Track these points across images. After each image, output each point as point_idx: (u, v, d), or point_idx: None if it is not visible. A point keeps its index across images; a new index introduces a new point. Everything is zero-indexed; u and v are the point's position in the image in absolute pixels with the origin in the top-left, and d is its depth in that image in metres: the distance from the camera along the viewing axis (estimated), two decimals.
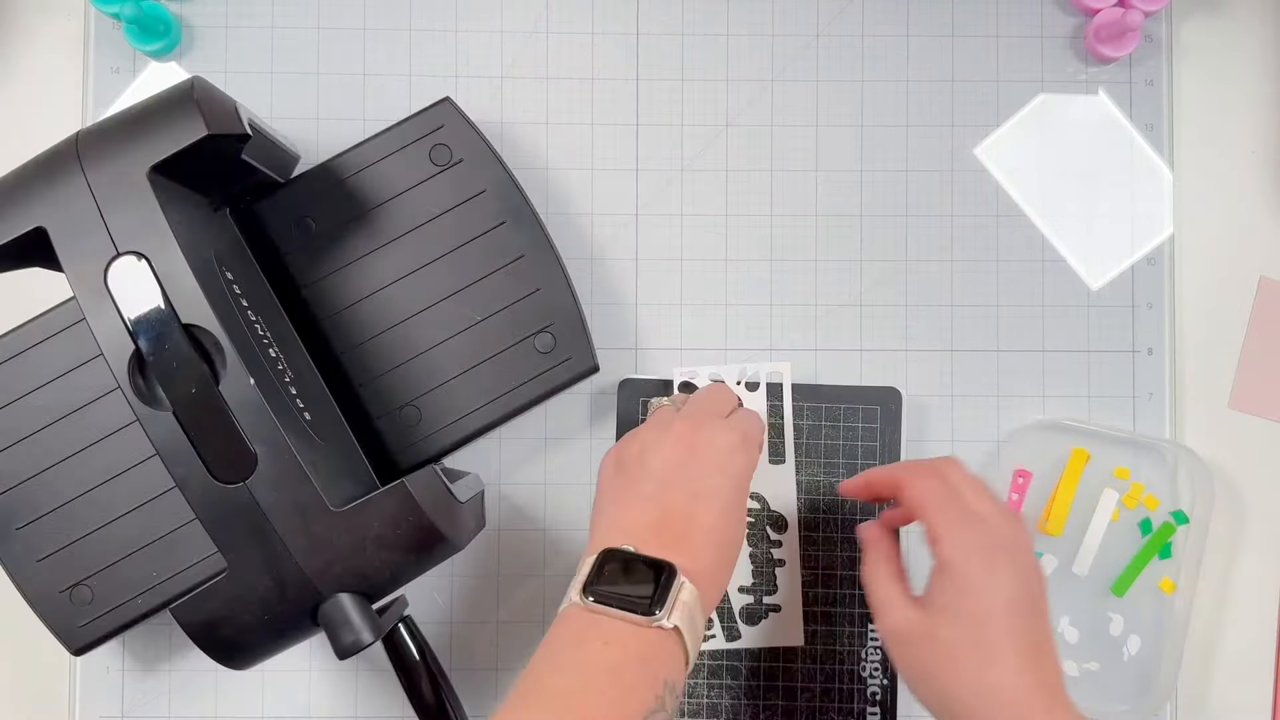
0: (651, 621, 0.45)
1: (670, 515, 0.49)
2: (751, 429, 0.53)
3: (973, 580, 0.47)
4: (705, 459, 0.50)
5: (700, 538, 0.48)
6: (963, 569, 0.47)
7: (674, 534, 0.48)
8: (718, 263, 0.62)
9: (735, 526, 0.50)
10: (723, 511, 0.49)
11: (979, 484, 0.50)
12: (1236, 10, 0.64)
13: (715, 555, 0.49)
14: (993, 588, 0.46)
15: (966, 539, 0.47)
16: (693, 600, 0.46)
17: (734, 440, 0.51)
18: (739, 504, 0.51)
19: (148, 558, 0.52)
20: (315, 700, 0.61)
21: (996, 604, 0.46)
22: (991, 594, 0.46)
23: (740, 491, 0.51)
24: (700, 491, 0.49)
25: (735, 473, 0.51)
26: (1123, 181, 0.63)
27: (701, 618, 0.47)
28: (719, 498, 0.49)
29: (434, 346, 0.57)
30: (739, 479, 0.51)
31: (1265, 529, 0.62)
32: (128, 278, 0.45)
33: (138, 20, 0.60)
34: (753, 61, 0.63)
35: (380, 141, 0.57)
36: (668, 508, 0.49)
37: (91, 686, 0.60)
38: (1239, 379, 0.63)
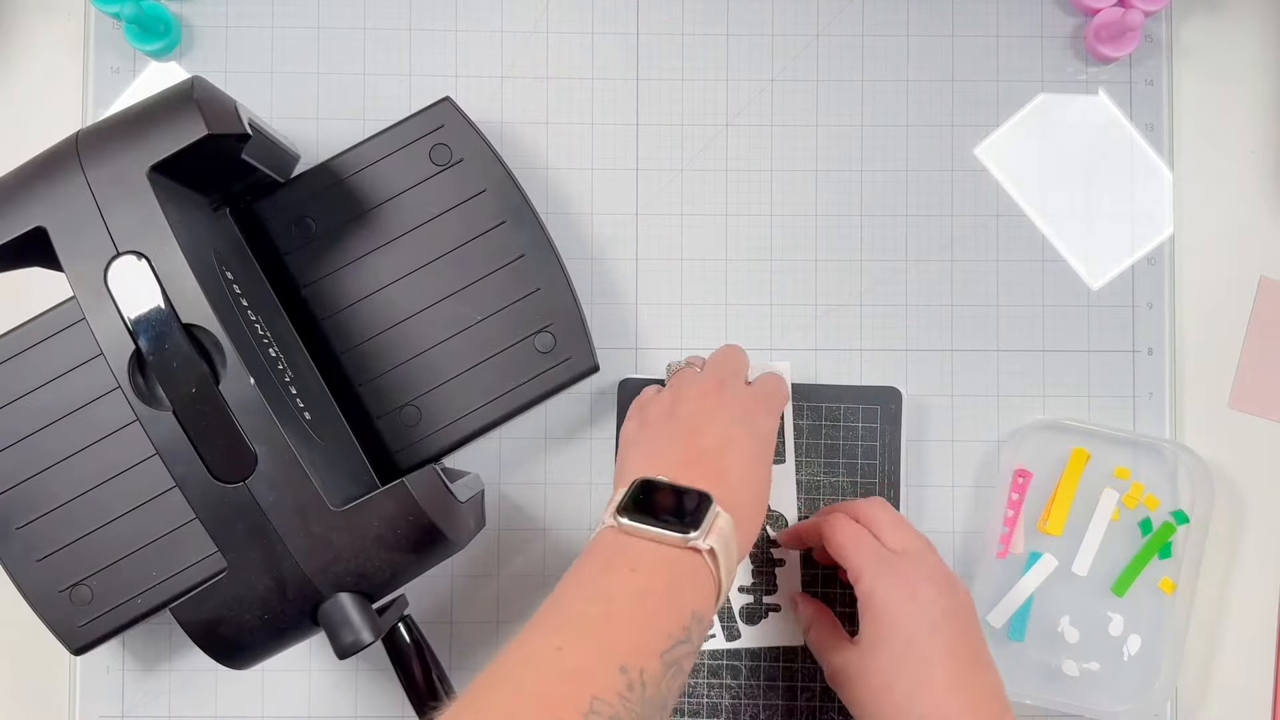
0: (686, 540, 0.44)
1: (704, 454, 0.49)
2: (775, 389, 0.55)
3: (895, 609, 0.49)
4: (734, 409, 0.51)
5: (737, 475, 0.48)
6: (883, 601, 0.49)
7: (708, 469, 0.48)
8: (718, 262, 0.62)
9: (766, 477, 0.51)
10: (755, 458, 0.50)
11: (900, 521, 0.53)
12: (1236, 10, 0.64)
13: (751, 494, 0.49)
14: (914, 614, 0.48)
15: (885, 573, 0.50)
16: (729, 528, 0.46)
17: (758, 396, 0.53)
18: (766, 457, 0.51)
19: (148, 557, 0.52)
20: (315, 700, 0.61)
21: (920, 629, 0.48)
22: (914, 620, 0.48)
23: (767, 446, 0.52)
24: (731, 437, 0.50)
25: (762, 429, 0.51)
26: (1123, 181, 0.63)
27: (736, 551, 0.47)
28: (750, 444, 0.50)
29: (434, 346, 0.57)
30: (766, 435, 0.52)
31: (1265, 529, 0.62)
32: (128, 277, 0.45)
33: (138, 20, 0.60)
34: (753, 61, 0.63)
35: (380, 141, 0.57)
36: (701, 448, 0.49)
37: (91, 686, 0.60)
38: (1239, 379, 0.63)
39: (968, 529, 0.61)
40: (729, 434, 0.50)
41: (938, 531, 0.61)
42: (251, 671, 0.59)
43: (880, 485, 0.61)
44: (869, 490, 0.60)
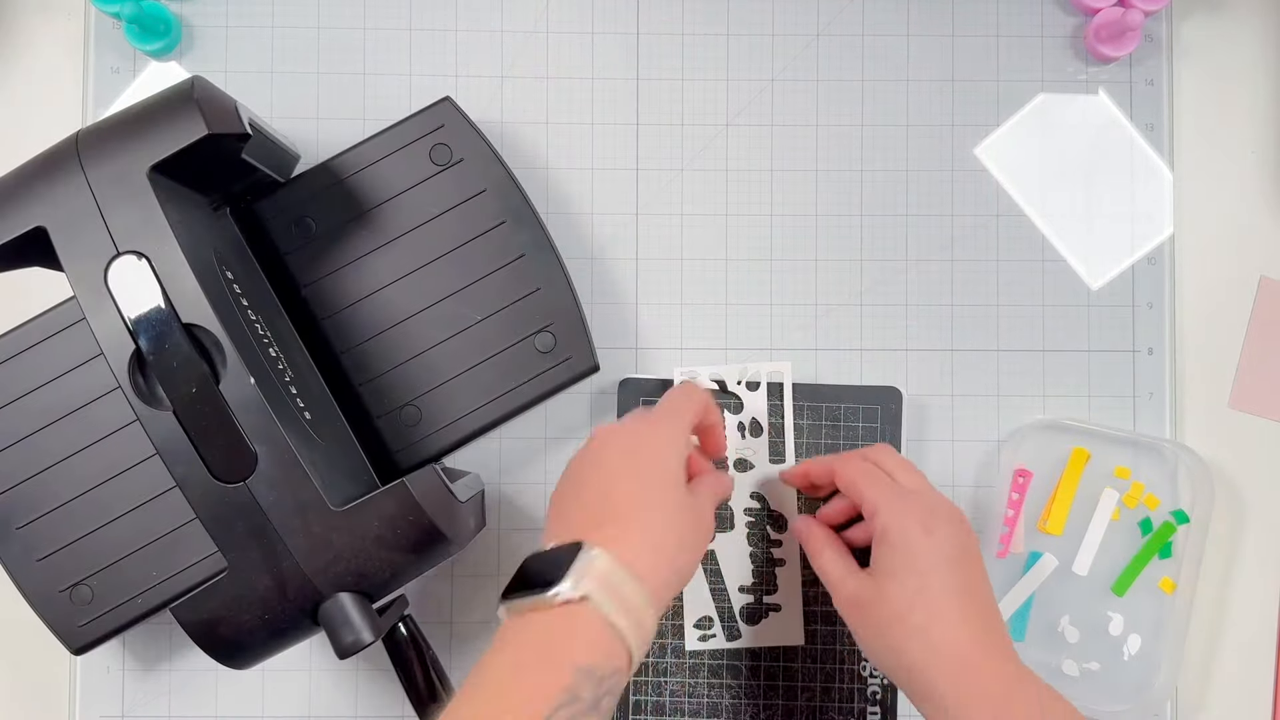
0: (552, 598, 0.42)
1: (589, 504, 0.48)
2: (676, 407, 0.52)
3: (911, 543, 0.50)
4: (623, 442, 0.50)
5: (626, 510, 0.47)
6: (900, 534, 0.50)
7: (594, 517, 0.47)
8: (718, 262, 0.62)
9: (670, 499, 0.48)
10: (650, 486, 0.48)
11: (908, 464, 0.54)
12: (1236, 10, 0.64)
13: (654, 522, 0.47)
14: (931, 548, 0.49)
15: (901, 508, 0.51)
16: (610, 567, 0.43)
17: (655, 418, 0.51)
18: (667, 480, 0.48)
19: (148, 557, 0.52)
20: (315, 700, 0.61)
21: (936, 562, 0.49)
22: (930, 554, 0.49)
23: (662, 469, 0.49)
24: (617, 474, 0.48)
25: (656, 455, 0.49)
26: (1123, 181, 0.63)
27: (635, 592, 0.44)
28: (638, 475, 0.48)
29: (434, 346, 0.57)
30: (660, 458, 0.49)
31: (1265, 529, 0.62)
32: (128, 277, 0.45)
33: (138, 20, 0.60)
34: (753, 61, 0.63)
35: (380, 141, 0.57)
36: (585, 500, 0.48)
37: (91, 686, 0.60)
38: (1239, 379, 0.63)
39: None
40: (614, 472, 0.48)
41: None
42: (251, 671, 0.59)
43: None
44: None
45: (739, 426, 0.60)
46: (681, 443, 0.50)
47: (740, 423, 0.60)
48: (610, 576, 0.44)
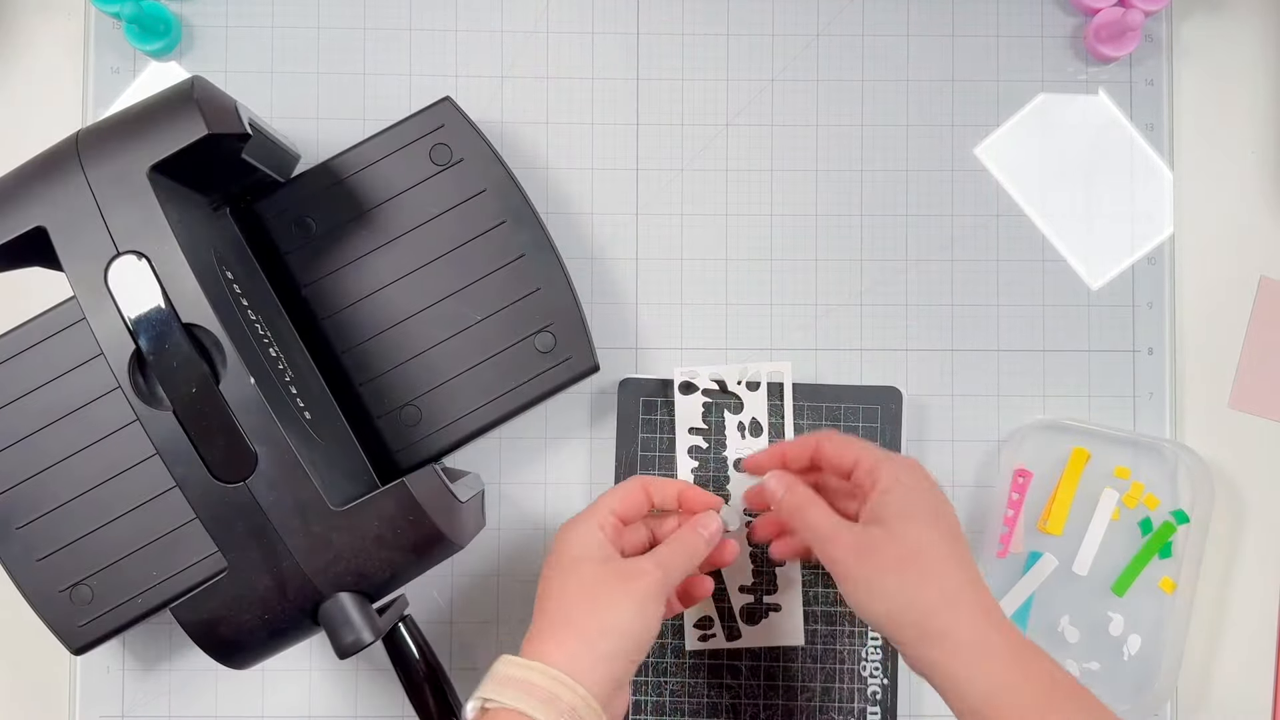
0: (465, 714, 0.47)
1: (535, 616, 0.50)
2: (601, 498, 0.53)
3: (917, 487, 0.51)
4: (555, 551, 0.52)
5: (543, 612, 0.49)
6: (909, 484, 0.50)
7: (532, 627, 0.50)
8: (718, 262, 0.62)
9: (581, 586, 0.49)
10: (558, 579, 0.50)
11: None
12: (1236, 10, 0.64)
13: (549, 620, 0.49)
14: (932, 494, 0.51)
15: (896, 460, 0.52)
16: (510, 670, 0.47)
17: (577, 521, 0.52)
18: (574, 564, 0.50)
19: (148, 557, 0.52)
20: (315, 700, 0.61)
21: (936, 511, 0.50)
22: (930, 504, 0.50)
23: (575, 559, 0.50)
24: (546, 575, 0.51)
25: (565, 549, 0.51)
26: (1123, 181, 0.63)
27: (542, 675, 0.46)
28: (552, 571, 0.50)
29: (434, 346, 0.57)
30: (571, 552, 0.51)
31: (1265, 529, 0.62)
32: (128, 277, 0.45)
33: (138, 20, 0.60)
34: (753, 61, 0.63)
35: (380, 141, 0.57)
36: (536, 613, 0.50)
37: (91, 686, 0.60)
38: (1239, 379, 0.63)
39: (968, 529, 0.61)
40: (544, 575, 0.51)
41: None
42: (251, 671, 0.59)
43: None
44: None
45: (739, 426, 0.60)
46: (590, 528, 0.51)
47: (740, 423, 0.60)
48: (508, 679, 0.46)
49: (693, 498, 0.55)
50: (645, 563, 0.50)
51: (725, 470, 0.61)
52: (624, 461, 0.61)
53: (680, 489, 0.55)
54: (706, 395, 0.60)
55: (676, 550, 0.52)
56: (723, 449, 0.61)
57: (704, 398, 0.60)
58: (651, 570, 0.50)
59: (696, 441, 0.60)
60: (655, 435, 0.61)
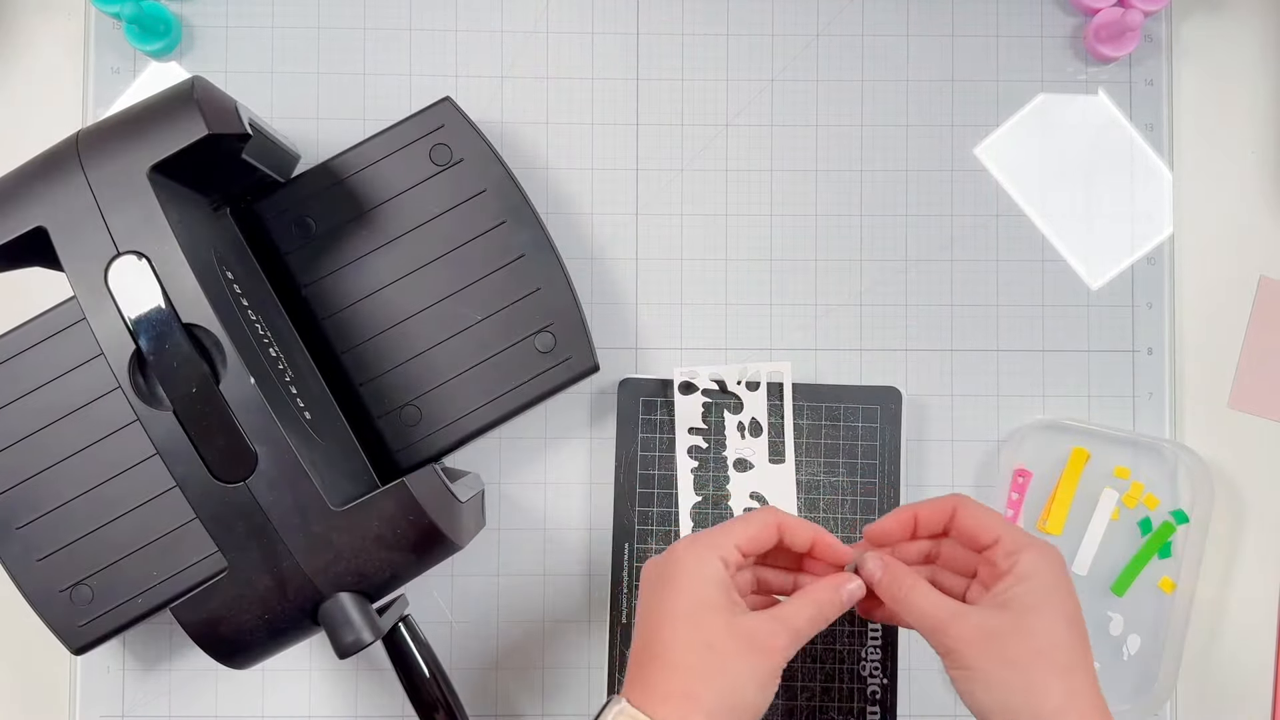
0: None
1: (634, 648, 0.48)
2: (725, 526, 0.49)
3: (1061, 588, 0.47)
4: (645, 592, 0.49)
5: (655, 657, 0.46)
6: (1050, 576, 0.47)
7: (636, 662, 0.47)
8: (718, 262, 0.62)
9: (694, 644, 0.46)
10: (670, 627, 0.46)
11: None
12: (1236, 10, 0.64)
13: (665, 673, 0.45)
14: (1073, 597, 0.47)
15: (1040, 545, 0.48)
16: (629, 713, 0.44)
17: (692, 555, 0.48)
18: (690, 615, 0.46)
19: (148, 557, 0.52)
20: (315, 700, 0.61)
21: (1074, 609, 0.47)
22: (1071, 598, 0.47)
23: (691, 609, 0.46)
24: (650, 611, 0.48)
25: (682, 592, 0.47)
26: (1123, 181, 0.63)
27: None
28: (661, 615, 0.47)
29: (434, 346, 0.57)
30: (688, 598, 0.47)
31: (1265, 529, 0.62)
32: (128, 277, 0.45)
33: (138, 20, 0.60)
34: (753, 61, 0.63)
35: (380, 141, 0.57)
36: (635, 641, 0.48)
37: (91, 686, 0.60)
38: (1239, 379, 0.63)
39: None
40: (647, 609, 0.48)
41: None
42: (251, 671, 0.59)
43: (880, 485, 0.61)
44: (869, 490, 0.60)
45: (739, 426, 0.60)
46: (711, 564, 0.47)
47: (740, 423, 0.60)
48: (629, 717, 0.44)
49: (827, 546, 0.50)
50: (779, 632, 0.46)
51: (724, 470, 0.61)
52: (624, 461, 0.61)
53: (815, 535, 0.50)
54: (706, 395, 0.60)
55: (812, 615, 0.48)
56: (722, 449, 0.61)
57: (704, 398, 0.60)
58: (785, 645, 0.46)
59: (696, 441, 0.60)
60: (655, 435, 0.61)
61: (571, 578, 0.61)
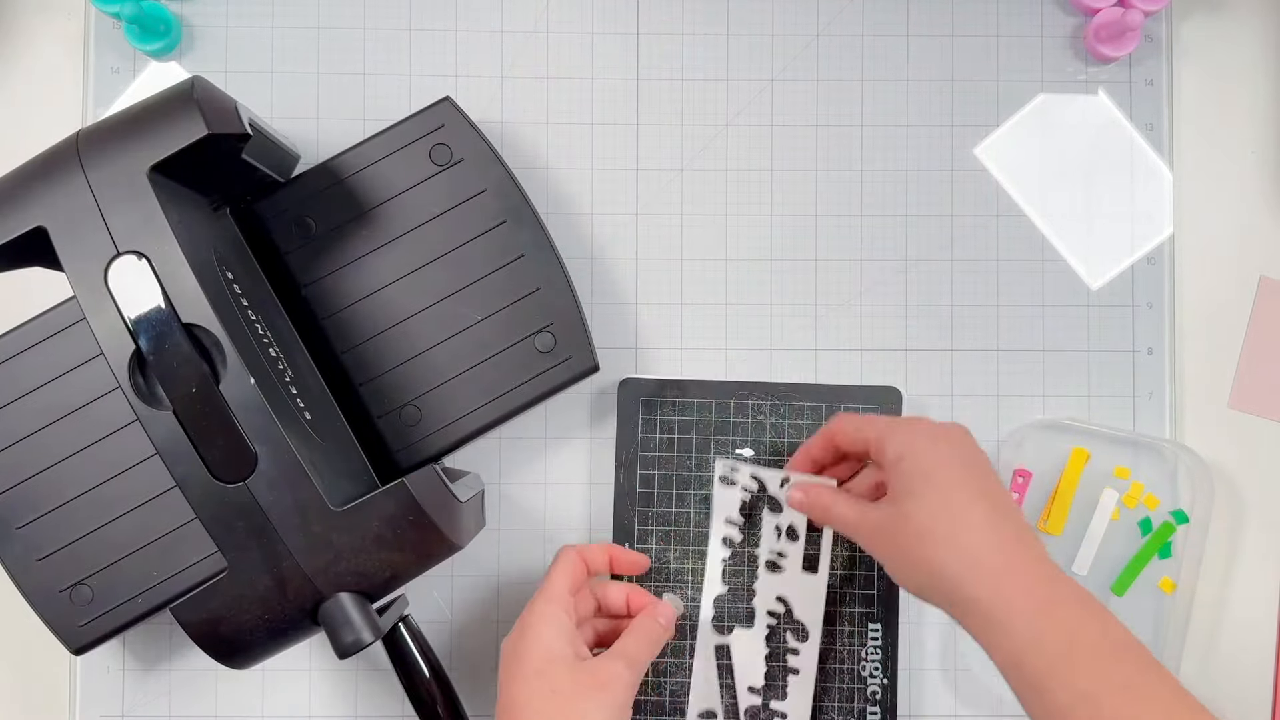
0: None
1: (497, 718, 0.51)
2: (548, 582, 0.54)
3: (923, 459, 0.50)
4: (517, 651, 0.51)
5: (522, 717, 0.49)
6: (911, 453, 0.50)
7: None
8: (718, 262, 0.62)
9: (559, 691, 0.49)
10: (533, 685, 0.49)
11: None
12: (1236, 10, 0.64)
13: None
14: (941, 459, 0.50)
15: (906, 430, 0.51)
16: None
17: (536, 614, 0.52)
18: (548, 666, 0.50)
19: (148, 557, 0.52)
20: (315, 700, 0.61)
21: (950, 472, 0.49)
22: (943, 465, 0.50)
23: (547, 661, 0.50)
24: (510, 680, 0.50)
25: (535, 649, 0.51)
26: (1123, 181, 0.63)
27: None
28: (522, 678, 0.50)
29: (434, 346, 0.57)
30: (541, 653, 0.51)
31: (1265, 529, 0.62)
32: (128, 277, 0.45)
33: (138, 20, 0.60)
34: (753, 61, 0.63)
35: (380, 141, 0.57)
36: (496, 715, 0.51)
37: (91, 686, 0.60)
38: (1239, 379, 0.63)
39: None
40: (508, 680, 0.51)
41: None
42: (251, 671, 0.59)
43: None
44: None
45: (775, 529, 0.59)
46: (558, 615, 0.52)
47: (778, 526, 0.59)
48: None
49: (620, 557, 0.58)
50: (617, 664, 0.51)
51: (755, 567, 0.59)
52: (624, 461, 0.61)
53: (610, 552, 0.58)
54: (745, 492, 0.60)
55: (642, 644, 0.54)
56: (756, 545, 0.59)
57: (743, 494, 0.60)
58: (624, 673, 0.51)
59: (731, 533, 0.60)
60: (655, 435, 0.61)
61: None
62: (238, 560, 0.46)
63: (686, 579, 0.60)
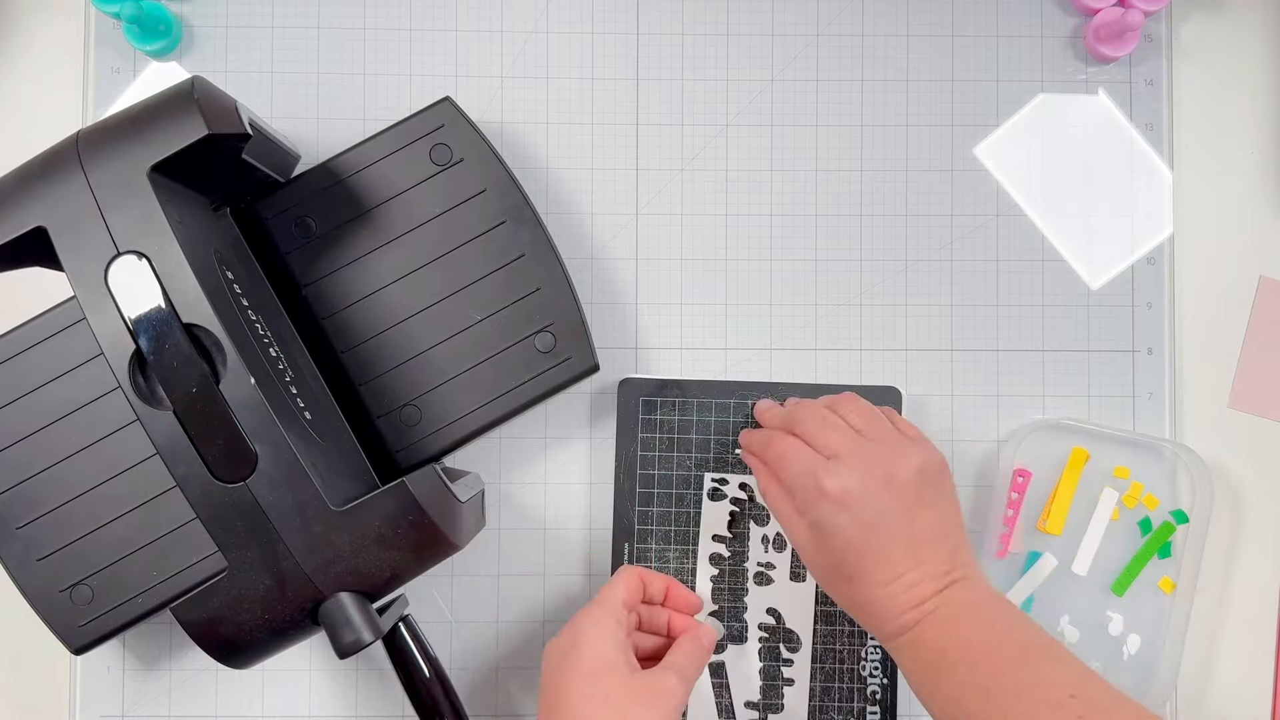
0: None
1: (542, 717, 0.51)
2: (604, 594, 0.54)
3: (858, 493, 0.51)
4: (567, 656, 0.52)
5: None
6: (821, 526, 0.52)
7: None
8: (718, 262, 0.62)
9: (611, 699, 0.49)
10: (584, 688, 0.50)
11: (874, 413, 0.54)
12: (1236, 10, 0.64)
13: None
14: (873, 495, 0.51)
15: (813, 501, 0.52)
16: None
17: (589, 621, 0.52)
18: (600, 674, 0.50)
19: (148, 557, 0.52)
20: (315, 700, 0.61)
21: (874, 514, 0.51)
22: (871, 502, 0.51)
23: (600, 669, 0.50)
24: (559, 684, 0.50)
25: (588, 655, 0.51)
26: (1123, 181, 0.63)
27: None
28: (573, 682, 0.50)
29: (434, 346, 0.57)
30: (594, 659, 0.51)
31: (1265, 529, 0.62)
32: (128, 277, 0.45)
33: (138, 20, 0.60)
34: (753, 61, 0.63)
35: (380, 141, 0.57)
36: (541, 715, 0.51)
37: (91, 686, 0.60)
38: (1239, 379, 0.63)
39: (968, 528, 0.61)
40: (556, 683, 0.51)
41: None
42: (251, 671, 0.59)
43: None
44: None
45: (762, 539, 0.60)
46: (611, 625, 0.52)
47: (765, 535, 0.60)
48: None
49: (678, 592, 0.58)
50: (670, 678, 0.51)
51: (744, 582, 0.60)
52: (624, 461, 0.61)
53: (668, 584, 0.58)
54: (734, 505, 0.60)
55: (690, 662, 0.54)
56: (744, 560, 0.60)
57: (731, 506, 0.60)
58: (677, 687, 0.51)
59: (719, 550, 0.60)
60: (655, 435, 0.61)
61: (571, 578, 0.61)
62: (238, 560, 0.46)
63: (686, 579, 0.60)
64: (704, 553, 0.60)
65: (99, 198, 0.46)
